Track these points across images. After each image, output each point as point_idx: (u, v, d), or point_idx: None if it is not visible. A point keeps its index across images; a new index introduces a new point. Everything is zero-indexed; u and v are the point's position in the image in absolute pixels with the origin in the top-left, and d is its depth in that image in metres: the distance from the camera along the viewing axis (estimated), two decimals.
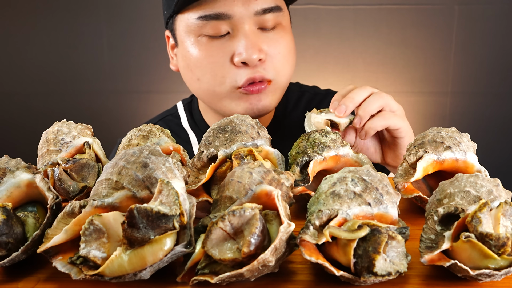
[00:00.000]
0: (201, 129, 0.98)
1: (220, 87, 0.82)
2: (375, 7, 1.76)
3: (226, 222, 0.39)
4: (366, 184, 0.43)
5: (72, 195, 0.57)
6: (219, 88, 0.82)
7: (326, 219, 0.41)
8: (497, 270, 0.38)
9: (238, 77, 0.80)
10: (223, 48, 0.80)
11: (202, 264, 0.40)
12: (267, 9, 0.79)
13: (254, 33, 0.79)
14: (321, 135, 0.58)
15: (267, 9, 0.79)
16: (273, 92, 0.84)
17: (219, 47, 0.80)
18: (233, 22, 0.78)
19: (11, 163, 0.48)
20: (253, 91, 0.81)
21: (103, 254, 0.40)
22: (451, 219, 0.41)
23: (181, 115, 1.02)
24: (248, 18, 0.78)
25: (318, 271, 0.43)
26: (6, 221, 0.42)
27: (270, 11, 0.80)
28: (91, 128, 0.66)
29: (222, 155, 0.55)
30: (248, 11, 0.78)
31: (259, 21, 0.80)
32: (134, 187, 0.42)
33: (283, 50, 0.82)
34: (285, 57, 0.83)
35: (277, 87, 0.84)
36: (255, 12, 0.78)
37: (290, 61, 0.86)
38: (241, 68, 0.80)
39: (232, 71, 0.80)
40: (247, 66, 0.79)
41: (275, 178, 0.44)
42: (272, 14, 0.80)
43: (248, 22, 0.79)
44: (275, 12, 0.80)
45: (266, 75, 0.80)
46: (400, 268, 0.38)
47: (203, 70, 0.82)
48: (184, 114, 1.02)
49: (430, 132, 0.56)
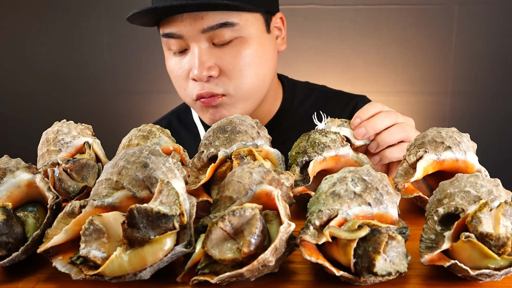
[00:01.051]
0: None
1: (185, 98, 0.90)
2: (375, 7, 1.76)
3: (226, 222, 0.39)
4: (366, 184, 0.43)
5: (72, 195, 0.57)
6: (185, 99, 0.91)
7: (326, 219, 0.41)
8: (497, 270, 0.38)
9: (192, 91, 0.86)
10: (183, 63, 0.86)
11: (202, 264, 0.40)
12: (214, 26, 0.81)
13: (206, 50, 0.83)
14: (321, 135, 0.58)
15: (213, 26, 0.81)
16: (231, 104, 0.87)
17: (180, 62, 0.86)
18: (186, 41, 0.84)
19: (11, 163, 0.48)
20: (205, 103, 0.86)
21: (103, 254, 0.40)
22: (451, 219, 0.41)
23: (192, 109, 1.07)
24: (197, 36, 0.82)
25: (318, 271, 0.43)
26: (6, 221, 0.42)
27: (218, 27, 0.81)
28: (91, 128, 0.67)
29: (222, 155, 0.55)
30: (196, 29, 0.81)
31: (212, 37, 0.82)
32: (134, 187, 0.42)
33: (240, 63, 0.83)
34: (241, 71, 0.84)
35: (235, 100, 0.86)
36: (202, 30, 0.81)
37: (252, 73, 0.85)
38: (195, 82, 0.85)
39: (190, 85, 0.86)
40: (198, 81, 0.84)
41: (275, 178, 0.44)
42: (224, 30, 0.82)
43: (198, 40, 0.82)
44: (226, 28, 0.82)
45: (216, 90, 0.84)
46: (400, 268, 0.38)
47: (174, 80, 0.90)
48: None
49: (430, 132, 0.56)
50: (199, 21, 0.81)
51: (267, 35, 0.89)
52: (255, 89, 0.88)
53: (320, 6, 1.77)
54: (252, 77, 0.86)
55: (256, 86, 0.88)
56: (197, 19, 0.81)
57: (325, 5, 1.76)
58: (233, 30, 0.82)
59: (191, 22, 0.81)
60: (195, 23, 0.81)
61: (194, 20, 0.81)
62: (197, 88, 0.84)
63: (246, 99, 0.88)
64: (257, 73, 0.87)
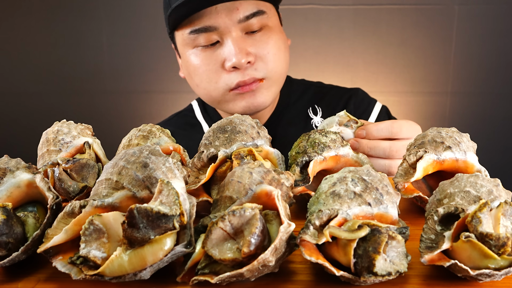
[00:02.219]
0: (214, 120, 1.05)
1: (215, 92, 0.90)
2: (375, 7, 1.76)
3: (226, 222, 0.39)
4: (366, 184, 0.43)
5: (72, 195, 0.57)
6: (214, 93, 0.90)
7: (326, 219, 0.41)
8: (497, 270, 0.38)
9: (229, 81, 0.87)
10: (214, 56, 0.87)
11: (202, 264, 0.40)
12: (249, 15, 0.85)
13: (240, 38, 0.86)
14: (321, 135, 0.58)
15: (249, 15, 0.85)
16: (267, 88, 0.90)
17: (211, 55, 0.87)
18: (221, 32, 0.85)
19: (11, 163, 0.48)
20: (245, 89, 0.87)
21: (103, 254, 0.40)
22: (451, 219, 0.41)
23: (195, 109, 1.12)
24: (233, 26, 0.85)
25: (318, 271, 0.43)
26: (6, 221, 0.42)
27: (253, 16, 0.86)
28: (91, 128, 0.67)
29: (222, 155, 0.55)
30: (232, 20, 0.84)
31: (245, 27, 0.86)
32: (134, 187, 0.42)
33: (272, 49, 0.88)
34: (275, 55, 0.89)
35: (271, 83, 0.90)
36: (238, 20, 0.85)
37: (282, 58, 0.91)
38: (232, 72, 0.87)
39: (224, 76, 0.88)
40: (237, 70, 0.86)
41: (275, 178, 0.44)
42: (256, 18, 0.86)
43: (233, 30, 0.85)
44: (258, 16, 0.86)
45: (256, 75, 0.87)
46: (400, 268, 0.38)
47: (200, 77, 0.90)
48: (198, 108, 1.11)
49: (430, 132, 0.56)
50: (234, 11, 0.84)
51: (281, 27, 0.95)
52: (285, 73, 0.94)
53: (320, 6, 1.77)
54: (283, 61, 0.91)
55: (285, 70, 0.94)
56: (233, 10, 0.84)
57: (325, 5, 1.76)
58: (262, 19, 0.87)
59: (227, 13, 0.84)
60: (231, 14, 0.84)
61: (229, 11, 0.84)
62: (238, 76, 0.86)
63: (279, 82, 0.93)
64: (284, 58, 0.92)
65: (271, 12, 0.90)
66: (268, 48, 0.88)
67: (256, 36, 0.87)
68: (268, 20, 0.89)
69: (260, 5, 0.87)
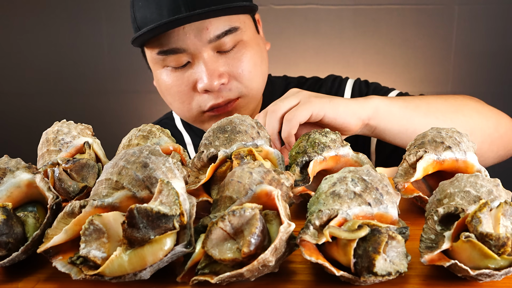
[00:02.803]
0: (194, 130, 1.02)
1: (189, 113, 0.87)
2: (375, 7, 1.76)
3: (226, 222, 0.39)
4: (366, 184, 0.43)
5: (72, 195, 0.57)
6: (188, 114, 0.87)
7: (326, 219, 0.41)
8: (497, 270, 0.38)
9: (202, 104, 0.84)
10: (186, 77, 0.83)
11: (202, 264, 0.40)
12: (221, 34, 0.80)
13: (212, 58, 0.81)
14: (321, 135, 0.58)
15: (220, 34, 0.80)
16: (244, 106, 0.87)
17: (182, 76, 0.83)
18: (190, 53, 0.81)
19: (11, 163, 0.48)
20: (220, 111, 0.84)
21: (103, 254, 0.40)
22: (451, 219, 0.41)
23: (175, 118, 1.07)
24: (203, 47, 0.80)
25: (318, 271, 0.43)
26: (6, 221, 0.42)
27: (224, 35, 0.81)
28: (91, 128, 0.67)
29: (222, 155, 0.55)
30: (202, 41, 0.80)
31: (216, 46, 0.81)
32: (134, 187, 0.42)
33: (246, 66, 0.84)
34: (250, 73, 0.84)
35: (248, 101, 0.87)
36: (209, 40, 0.80)
37: (258, 74, 0.87)
38: (205, 94, 0.83)
39: (197, 98, 0.84)
40: (210, 92, 0.82)
41: (275, 178, 0.44)
42: (228, 36, 0.81)
43: (204, 50, 0.81)
44: (230, 34, 0.81)
45: (231, 96, 0.84)
46: (400, 268, 0.38)
47: (172, 97, 0.87)
48: (178, 116, 1.06)
49: (430, 132, 0.57)
50: (204, 31, 0.79)
51: (258, 35, 0.90)
52: (262, 88, 0.90)
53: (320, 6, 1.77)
54: (259, 76, 0.87)
55: (262, 84, 0.90)
56: (202, 30, 0.79)
57: (325, 5, 1.76)
58: (236, 35, 0.82)
59: (196, 34, 0.79)
60: (200, 34, 0.79)
61: (198, 32, 0.79)
62: (212, 98, 0.83)
63: (256, 98, 0.89)
64: (261, 72, 0.88)
65: (245, 26, 0.85)
66: (242, 66, 0.83)
67: (229, 54, 0.83)
68: (243, 35, 0.83)
69: (233, 21, 0.82)
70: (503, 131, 0.82)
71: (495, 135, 0.80)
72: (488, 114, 0.80)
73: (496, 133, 0.80)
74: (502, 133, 0.82)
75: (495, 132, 0.80)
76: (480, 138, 0.77)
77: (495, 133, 0.80)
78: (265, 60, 0.90)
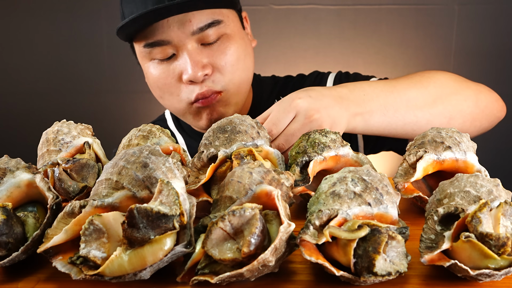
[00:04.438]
0: (187, 131, 1.03)
1: (179, 104, 0.88)
2: (375, 7, 1.76)
3: (226, 222, 0.39)
4: (366, 184, 0.43)
5: (72, 195, 0.57)
6: (178, 105, 0.88)
7: (326, 219, 0.41)
8: (497, 270, 0.38)
9: (189, 94, 0.85)
10: (171, 69, 0.85)
11: (202, 264, 0.40)
12: (203, 26, 0.82)
13: (196, 50, 0.83)
14: (321, 135, 0.58)
15: (203, 27, 0.82)
16: (226, 101, 0.87)
17: (168, 68, 0.85)
18: (175, 45, 0.83)
19: (11, 163, 0.48)
20: (205, 103, 0.85)
21: (103, 254, 0.40)
22: (451, 219, 0.41)
23: (167, 119, 1.09)
24: (186, 39, 0.82)
25: (318, 271, 0.43)
26: (6, 221, 0.42)
27: (208, 27, 0.82)
28: (91, 128, 0.67)
29: (222, 155, 0.55)
30: (185, 33, 0.82)
31: (200, 38, 0.83)
32: (134, 187, 0.42)
33: (230, 59, 0.85)
34: (233, 66, 0.86)
35: (230, 96, 0.87)
36: (192, 32, 0.82)
37: (241, 68, 0.88)
38: (190, 85, 0.84)
39: (184, 89, 0.85)
40: (194, 83, 0.84)
41: (275, 178, 0.44)
42: (211, 29, 0.83)
43: (188, 42, 0.82)
44: (214, 27, 0.83)
45: (214, 87, 0.85)
46: (400, 268, 0.38)
47: (161, 90, 0.88)
48: (170, 118, 1.08)
49: (430, 132, 0.57)
50: (187, 24, 0.81)
51: (243, 31, 0.92)
52: (246, 83, 0.91)
53: (320, 6, 1.77)
54: (242, 71, 0.88)
55: (246, 79, 0.90)
56: (185, 22, 0.81)
57: (325, 5, 1.76)
58: (219, 28, 0.84)
59: (179, 26, 0.81)
60: (183, 26, 0.81)
61: (181, 24, 0.81)
62: (196, 89, 0.84)
63: (239, 94, 0.90)
64: (245, 67, 0.89)
65: (229, 19, 0.86)
66: (226, 58, 0.85)
67: (213, 46, 0.84)
68: (226, 28, 0.85)
69: (216, 14, 0.83)
70: (483, 105, 0.83)
71: (476, 111, 0.81)
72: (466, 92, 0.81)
73: (477, 109, 0.81)
74: (483, 107, 0.83)
75: (475, 108, 0.81)
76: (460, 119, 0.79)
77: (476, 109, 0.81)
78: (249, 55, 0.91)
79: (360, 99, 0.73)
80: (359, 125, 0.73)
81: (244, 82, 0.90)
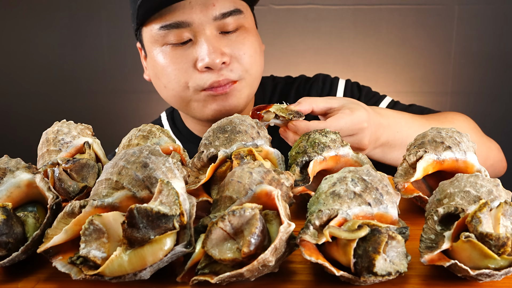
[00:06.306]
0: (184, 135, 1.02)
1: (184, 92, 0.85)
2: (375, 7, 1.75)
3: (226, 222, 0.39)
4: (366, 184, 0.43)
5: (72, 195, 0.57)
6: (183, 93, 0.85)
7: (326, 219, 0.41)
8: (497, 270, 0.38)
9: (201, 82, 0.83)
10: (186, 54, 0.82)
11: (202, 264, 0.40)
12: (226, 13, 0.81)
13: (215, 37, 0.82)
14: (321, 135, 0.58)
15: (226, 13, 0.81)
16: (241, 91, 0.86)
17: (182, 54, 0.83)
18: (194, 29, 0.81)
19: (11, 163, 0.48)
20: (219, 91, 0.83)
21: (103, 254, 0.40)
22: (451, 219, 0.41)
23: (164, 123, 1.07)
24: (207, 23, 0.81)
25: (318, 271, 0.43)
26: (6, 221, 0.42)
27: (229, 15, 0.82)
28: (91, 128, 0.67)
29: (222, 155, 0.55)
30: (207, 17, 0.80)
31: (220, 26, 0.82)
32: (134, 187, 0.42)
33: (248, 50, 0.85)
34: (251, 57, 0.85)
35: (245, 85, 0.86)
36: (214, 17, 0.80)
37: (257, 60, 0.87)
38: (205, 72, 0.82)
39: (195, 76, 0.83)
40: (211, 70, 0.82)
41: (275, 178, 0.44)
42: (232, 17, 0.82)
43: (208, 27, 0.81)
44: (235, 15, 0.82)
45: (231, 76, 0.83)
46: (400, 268, 0.38)
47: (168, 77, 0.85)
48: (167, 122, 1.06)
49: (430, 132, 0.57)
50: (210, 7, 0.80)
51: (256, 29, 0.92)
52: (259, 76, 0.91)
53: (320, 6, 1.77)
54: (258, 63, 0.88)
55: (260, 72, 0.90)
56: (208, 6, 0.80)
57: (325, 5, 1.76)
58: (239, 19, 0.83)
59: (202, 8, 0.80)
60: (206, 9, 0.80)
61: (205, 7, 0.80)
62: (212, 77, 0.82)
63: (253, 85, 0.89)
64: (260, 61, 0.89)
65: (247, 13, 0.87)
66: (244, 49, 0.84)
67: (231, 36, 0.83)
68: (245, 20, 0.85)
69: (237, 4, 0.83)
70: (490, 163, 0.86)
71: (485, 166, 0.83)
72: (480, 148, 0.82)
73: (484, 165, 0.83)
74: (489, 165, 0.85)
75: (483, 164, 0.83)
76: None
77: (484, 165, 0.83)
78: (262, 53, 0.91)
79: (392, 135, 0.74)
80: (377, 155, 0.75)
81: (258, 76, 0.90)
